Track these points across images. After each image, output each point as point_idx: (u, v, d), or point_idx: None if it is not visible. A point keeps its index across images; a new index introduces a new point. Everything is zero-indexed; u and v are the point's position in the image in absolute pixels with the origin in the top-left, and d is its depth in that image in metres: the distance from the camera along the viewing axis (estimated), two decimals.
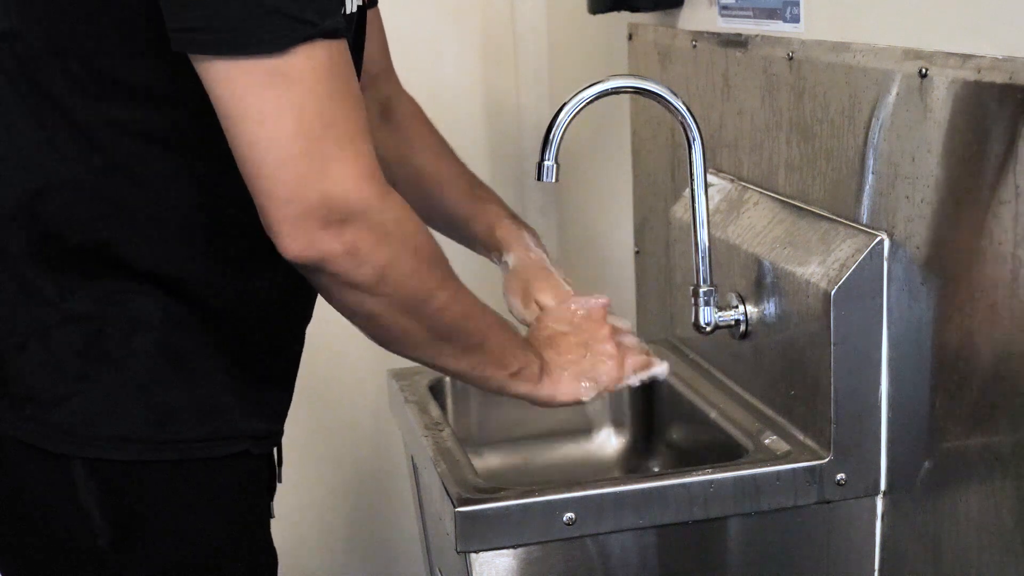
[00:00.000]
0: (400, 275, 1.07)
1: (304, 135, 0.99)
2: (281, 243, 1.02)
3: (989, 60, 1.08)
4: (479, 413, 1.67)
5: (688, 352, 1.64)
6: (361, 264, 1.04)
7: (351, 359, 2.32)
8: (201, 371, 1.14)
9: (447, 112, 2.29)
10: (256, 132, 0.99)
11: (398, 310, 1.10)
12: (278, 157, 0.99)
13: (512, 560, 1.26)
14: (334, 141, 1.00)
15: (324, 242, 1.01)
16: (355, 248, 1.03)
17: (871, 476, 1.30)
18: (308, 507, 2.37)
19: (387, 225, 1.04)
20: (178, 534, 1.14)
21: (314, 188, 1.00)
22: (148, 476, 1.12)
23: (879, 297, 1.25)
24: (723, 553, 1.33)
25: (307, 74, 0.99)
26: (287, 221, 1.01)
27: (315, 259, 1.02)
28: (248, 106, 0.99)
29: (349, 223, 1.02)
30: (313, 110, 0.99)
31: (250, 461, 1.18)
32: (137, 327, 1.11)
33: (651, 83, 1.34)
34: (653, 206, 1.81)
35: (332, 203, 1.00)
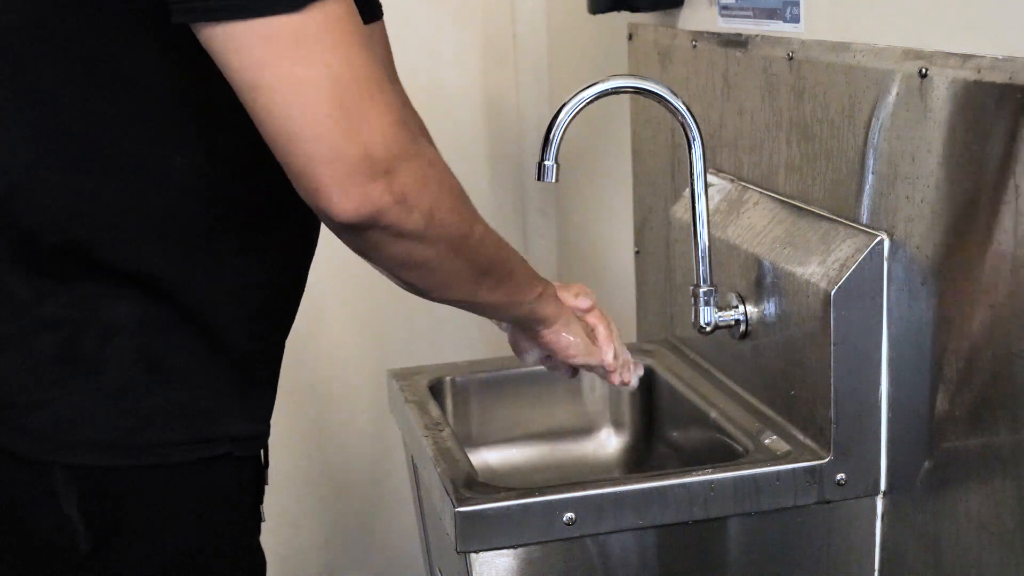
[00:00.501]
0: (444, 214, 1.06)
1: (338, 92, 0.97)
2: (333, 206, 1.00)
3: (989, 60, 1.08)
4: (479, 413, 1.67)
5: (688, 352, 1.64)
6: (411, 210, 1.03)
7: (351, 359, 2.32)
8: (179, 375, 1.12)
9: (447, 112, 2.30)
10: (288, 100, 0.97)
11: (445, 251, 1.09)
12: (315, 118, 0.97)
13: (512, 560, 1.26)
14: (366, 93, 0.99)
15: (376, 194, 1.00)
16: (403, 196, 1.01)
17: (871, 476, 1.30)
18: (308, 507, 2.37)
19: (426, 169, 1.03)
20: (159, 539, 1.13)
21: (356, 143, 0.98)
22: (127, 481, 1.11)
23: (879, 297, 1.25)
24: (723, 553, 1.33)
25: (328, 30, 0.97)
26: (336, 181, 0.99)
27: (370, 213, 1.01)
28: (274, 75, 0.96)
29: (394, 172, 1.00)
30: (342, 65, 0.97)
31: (233, 463, 1.17)
32: (113, 332, 1.10)
33: (651, 83, 1.34)
34: (653, 206, 1.81)
35: (375, 155, 0.99)
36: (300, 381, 2.33)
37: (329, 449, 2.37)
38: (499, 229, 2.37)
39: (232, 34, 0.96)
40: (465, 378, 1.66)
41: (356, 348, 2.31)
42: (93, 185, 1.08)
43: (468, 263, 1.13)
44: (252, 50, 0.96)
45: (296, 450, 2.35)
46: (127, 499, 1.12)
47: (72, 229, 1.09)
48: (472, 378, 1.66)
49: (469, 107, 2.30)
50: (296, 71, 0.96)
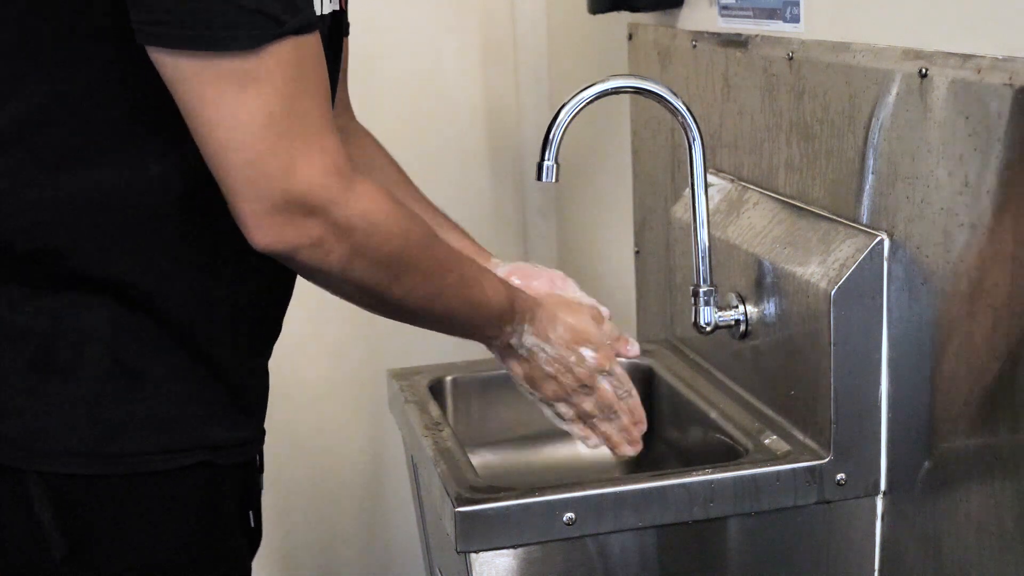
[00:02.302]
0: (365, 264, 1.10)
1: (271, 136, 1.01)
2: (250, 236, 1.05)
3: (989, 60, 1.08)
4: (479, 413, 1.67)
5: (688, 352, 1.64)
6: (328, 254, 1.07)
7: (351, 359, 2.32)
8: (153, 383, 1.12)
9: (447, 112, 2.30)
10: (223, 136, 1.01)
11: (365, 295, 1.14)
12: (245, 157, 1.01)
13: (512, 560, 1.26)
14: (300, 139, 1.02)
15: (290, 235, 1.04)
16: (320, 240, 1.05)
17: (871, 476, 1.30)
18: (308, 507, 2.37)
19: (352, 219, 1.06)
20: (133, 548, 1.13)
21: (280, 186, 1.02)
22: (101, 490, 1.11)
23: (879, 297, 1.25)
24: (723, 553, 1.33)
25: (276, 74, 1.00)
26: (255, 216, 1.03)
27: (283, 251, 1.05)
28: (216, 112, 1.00)
29: (314, 217, 1.04)
30: (280, 110, 1.01)
31: (213, 472, 1.16)
32: (87, 340, 1.10)
33: (651, 83, 1.34)
34: (653, 206, 1.81)
35: (297, 199, 1.03)
36: (300, 381, 2.33)
37: (329, 449, 2.37)
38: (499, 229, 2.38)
39: (186, 64, 1.00)
40: (465, 378, 1.66)
41: (356, 348, 2.31)
42: (67, 193, 1.09)
43: (388, 308, 1.18)
44: (199, 85, 1.00)
45: (296, 450, 2.35)
46: (101, 507, 1.11)
47: (46, 237, 1.09)
48: (472, 378, 1.66)
49: (469, 107, 2.30)
50: (235, 112, 1.00)
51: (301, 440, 2.35)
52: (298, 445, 2.35)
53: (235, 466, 1.20)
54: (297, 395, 2.34)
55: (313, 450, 2.36)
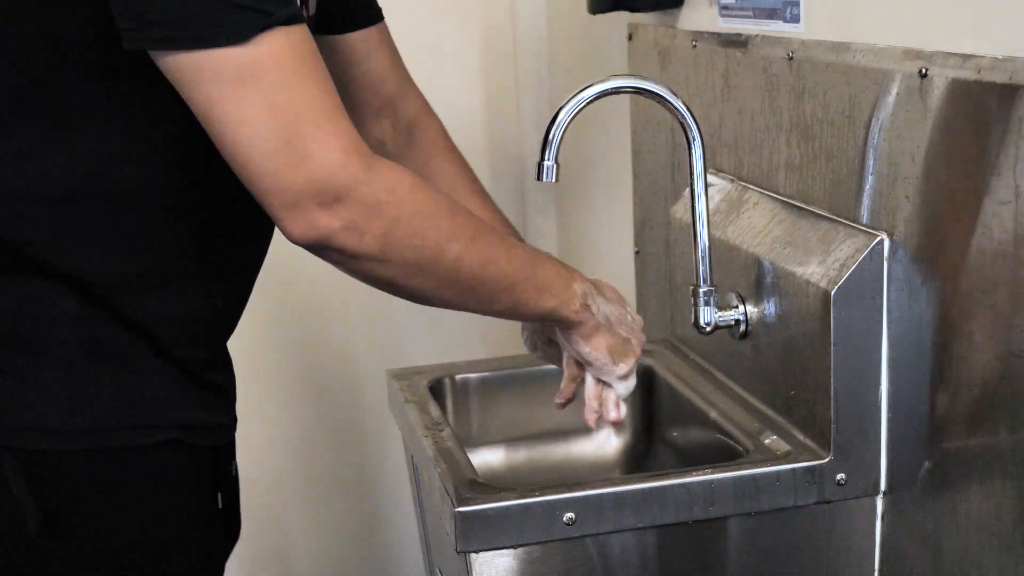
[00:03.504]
0: (402, 238, 1.09)
1: (280, 128, 1.02)
2: (284, 229, 1.06)
3: (989, 60, 1.08)
4: (479, 413, 1.67)
5: (688, 352, 1.64)
6: (362, 235, 1.07)
7: (351, 359, 2.32)
8: (122, 361, 1.15)
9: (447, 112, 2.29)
10: (236, 133, 1.02)
11: (410, 272, 1.12)
12: (261, 152, 1.02)
13: (512, 560, 1.26)
14: (310, 125, 1.03)
15: (322, 222, 1.05)
16: (352, 222, 1.06)
17: (871, 476, 1.30)
18: (308, 507, 2.37)
19: (378, 195, 1.06)
20: (108, 521, 1.15)
21: (300, 175, 1.03)
22: (74, 464, 1.13)
23: (879, 297, 1.25)
24: (723, 553, 1.33)
25: (272, 64, 1.02)
26: (284, 208, 1.04)
27: (318, 239, 1.06)
28: (223, 110, 1.02)
29: (342, 200, 1.05)
30: (285, 100, 1.02)
31: (184, 451, 1.18)
32: (54, 320, 1.12)
33: (651, 83, 1.34)
34: (653, 206, 1.81)
35: (321, 184, 1.03)
36: (300, 381, 2.33)
37: (329, 449, 2.37)
38: None
39: (181, 65, 1.02)
40: (465, 378, 1.66)
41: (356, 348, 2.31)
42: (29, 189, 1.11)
43: (441, 282, 1.14)
44: (201, 84, 1.02)
45: (296, 450, 2.35)
46: (75, 481, 1.14)
47: (8, 229, 1.11)
48: (472, 378, 1.66)
49: (469, 107, 2.30)
50: (241, 108, 1.02)
51: (301, 440, 2.35)
52: (298, 445, 2.35)
53: (205, 448, 1.22)
54: (298, 395, 2.34)
55: (313, 449, 2.36)
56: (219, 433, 1.24)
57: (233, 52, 1.00)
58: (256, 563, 2.33)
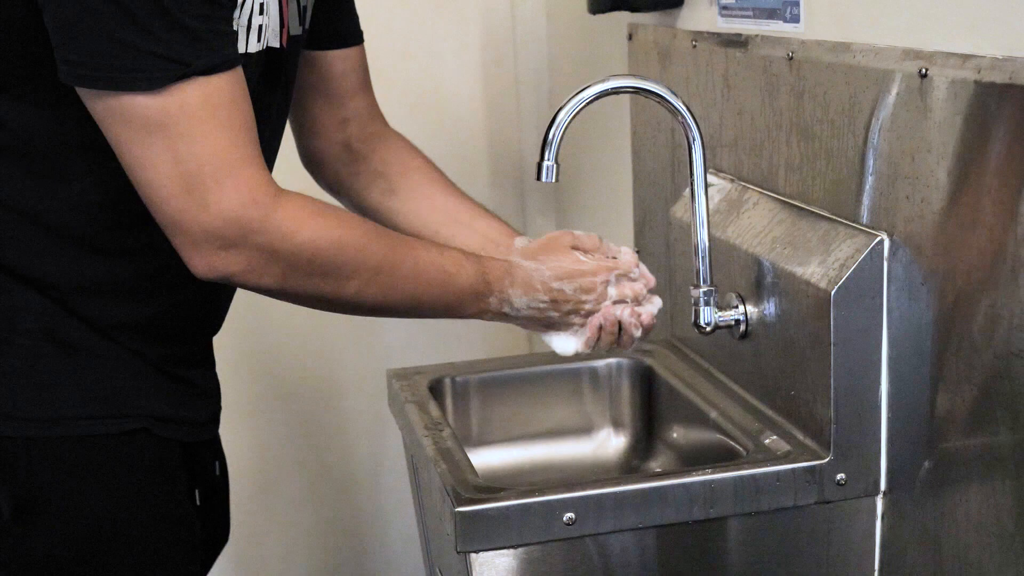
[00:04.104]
0: (301, 278, 1.14)
1: (180, 176, 1.06)
2: (187, 265, 1.10)
3: (989, 60, 1.08)
4: (479, 413, 1.67)
5: (688, 352, 1.64)
6: (262, 276, 1.12)
7: (351, 359, 2.32)
8: (86, 353, 1.17)
9: (447, 112, 2.30)
10: (139, 175, 1.07)
11: (313, 303, 1.18)
12: (160, 196, 1.07)
13: (512, 560, 1.26)
14: (211, 177, 1.07)
15: (220, 264, 1.10)
16: (250, 266, 1.10)
17: (871, 476, 1.30)
18: (308, 507, 2.37)
19: (274, 242, 1.10)
20: (75, 508, 1.17)
21: (196, 221, 1.07)
22: (44, 452, 1.15)
23: (879, 297, 1.25)
24: (723, 553, 1.33)
25: (179, 115, 1.05)
26: (184, 248, 1.09)
27: (218, 277, 1.11)
28: (130, 152, 1.07)
29: (238, 246, 1.09)
30: (187, 150, 1.06)
31: (155, 441, 1.20)
32: (18, 311, 1.15)
33: (651, 83, 1.34)
34: (653, 206, 1.81)
35: (217, 232, 1.08)
36: (300, 381, 2.33)
37: (329, 449, 2.37)
38: None
39: (95, 103, 1.06)
40: (465, 378, 1.66)
41: (356, 348, 2.31)
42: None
43: (346, 309, 1.20)
44: (112, 125, 1.06)
45: (296, 450, 2.35)
46: (44, 468, 1.15)
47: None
48: (472, 378, 1.66)
49: (469, 107, 2.30)
50: (145, 154, 1.06)
51: (301, 440, 2.35)
52: (298, 445, 2.35)
53: (175, 441, 1.23)
54: (297, 395, 2.34)
55: (313, 449, 2.36)
56: (191, 429, 1.24)
57: (142, 99, 1.04)
58: (255, 563, 2.33)
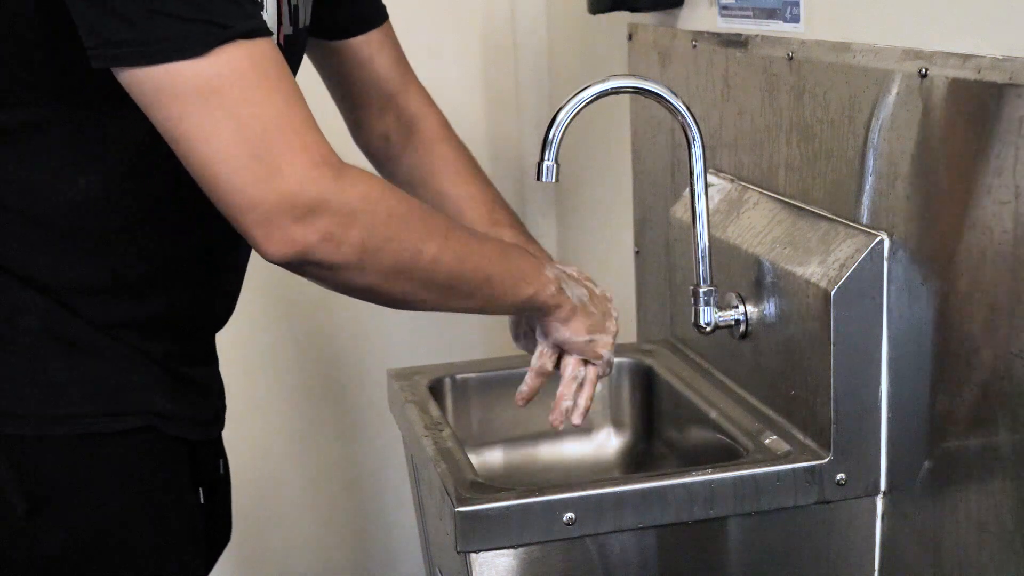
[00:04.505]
0: (379, 245, 1.09)
1: (247, 142, 1.01)
2: (259, 248, 1.05)
3: (989, 60, 1.08)
4: (479, 413, 1.67)
5: (688, 352, 1.64)
6: (340, 246, 1.06)
7: (351, 359, 2.32)
8: (89, 352, 1.15)
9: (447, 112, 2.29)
10: (198, 150, 1.01)
11: (390, 277, 1.12)
12: (229, 168, 1.01)
13: (512, 560, 1.26)
14: (278, 138, 1.02)
15: (298, 236, 1.04)
16: (328, 234, 1.05)
17: (871, 476, 1.30)
18: (308, 506, 2.37)
19: (352, 203, 1.06)
20: (87, 506, 1.16)
21: (271, 189, 1.02)
22: (53, 450, 1.14)
23: (879, 297, 1.25)
24: (723, 553, 1.33)
25: (234, 78, 1.01)
26: (258, 226, 1.03)
27: (296, 254, 1.05)
28: (186, 127, 1.01)
29: (315, 212, 1.04)
30: (248, 115, 1.01)
31: (159, 440, 1.19)
32: (19, 310, 1.13)
33: (651, 83, 1.34)
34: (653, 206, 1.81)
35: (293, 198, 1.02)
36: (300, 381, 2.33)
37: (329, 449, 2.37)
38: None
39: (141, 83, 1.01)
40: (465, 378, 1.66)
41: (356, 348, 2.31)
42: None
43: (421, 284, 1.15)
44: (162, 102, 1.01)
45: (296, 449, 2.35)
46: (55, 467, 1.14)
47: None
48: (472, 378, 1.66)
49: (469, 107, 2.30)
50: (205, 123, 1.00)
51: (301, 440, 2.35)
52: (298, 445, 2.35)
53: (184, 441, 1.23)
54: (298, 395, 2.34)
55: (313, 449, 2.36)
56: (194, 427, 1.24)
57: (192, 66, 1.00)
58: (256, 563, 2.33)
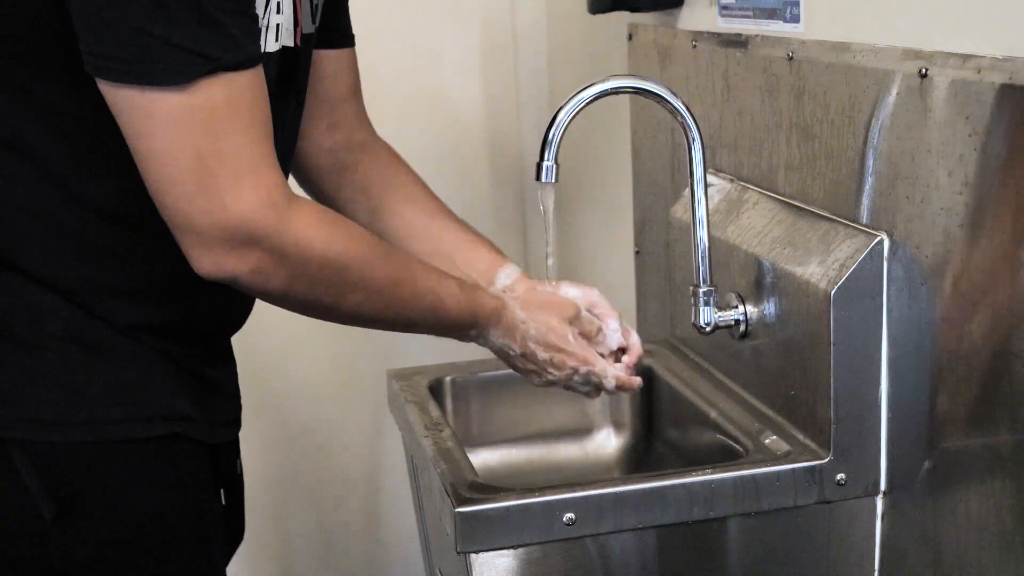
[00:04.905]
0: (305, 286, 1.13)
1: (199, 173, 1.05)
2: (192, 264, 1.09)
3: (989, 60, 1.08)
4: (479, 413, 1.67)
5: (688, 352, 1.64)
6: (268, 279, 1.10)
7: (351, 359, 2.32)
8: (112, 356, 1.16)
9: (447, 112, 2.30)
10: (156, 169, 1.05)
11: (312, 311, 1.17)
12: (178, 193, 1.05)
13: (512, 560, 1.26)
14: (231, 175, 1.06)
15: (228, 264, 1.08)
16: (258, 268, 1.09)
17: (871, 476, 1.30)
18: (308, 507, 2.37)
19: (286, 247, 1.09)
20: (115, 510, 1.16)
21: (212, 221, 1.06)
22: (77, 455, 1.15)
23: (879, 297, 1.25)
24: (723, 553, 1.33)
25: (205, 112, 1.04)
26: (193, 247, 1.08)
27: (224, 277, 1.09)
28: (149, 146, 1.05)
29: (249, 247, 1.08)
30: (208, 149, 1.05)
31: (185, 444, 1.20)
32: (44, 317, 1.14)
33: (651, 83, 1.34)
34: (653, 206, 1.81)
35: (231, 232, 1.07)
36: (300, 381, 2.33)
37: (329, 449, 2.37)
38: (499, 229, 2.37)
39: (117, 96, 1.04)
40: (465, 378, 1.66)
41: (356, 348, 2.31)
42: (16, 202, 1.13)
43: (345, 318, 1.20)
44: (132, 118, 1.04)
45: (296, 450, 2.35)
46: (84, 472, 1.15)
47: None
48: (472, 378, 1.66)
49: (469, 107, 2.30)
50: (166, 148, 1.04)
51: (301, 440, 2.35)
52: (298, 445, 2.35)
53: (207, 445, 1.23)
54: (297, 395, 2.34)
55: (313, 450, 2.36)
56: (217, 429, 1.24)
57: (169, 94, 1.03)
58: (256, 563, 2.33)
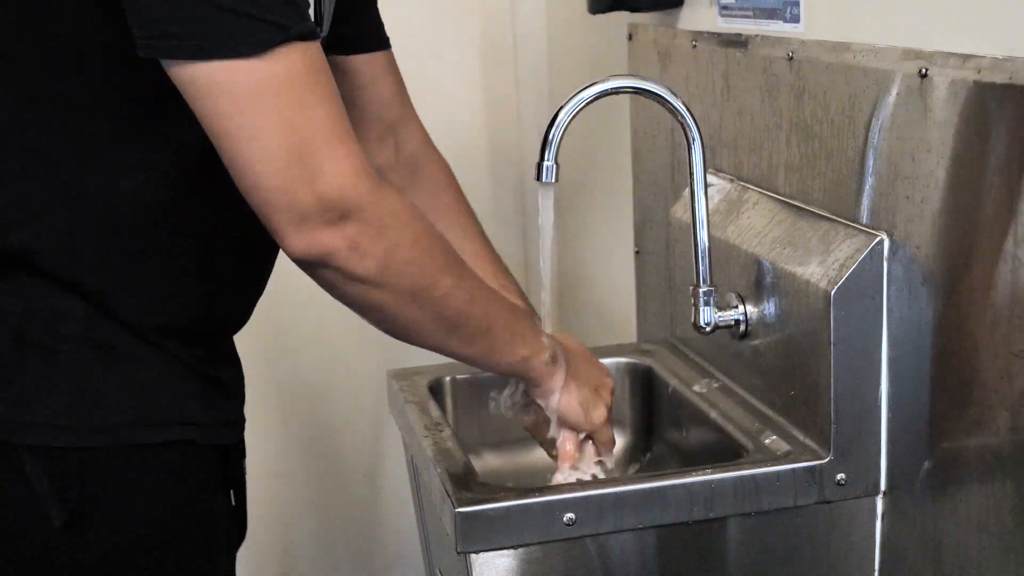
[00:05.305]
0: (400, 264, 1.09)
1: (294, 144, 1.01)
2: (286, 245, 1.05)
3: (989, 60, 1.08)
4: (479, 413, 1.67)
5: (688, 352, 1.64)
6: (363, 256, 1.06)
7: (351, 359, 2.32)
8: (128, 360, 1.15)
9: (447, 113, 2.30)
10: (246, 149, 1.01)
11: (402, 299, 1.12)
12: (272, 169, 1.02)
13: (512, 560, 1.26)
14: (323, 143, 1.02)
15: (326, 239, 1.04)
16: (355, 242, 1.05)
17: (871, 476, 1.30)
18: (308, 507, 2.37)
19: (384, 217, 1.07)
20: (128, 517, 1.16)
21: (310, 192, 1.02)
22: (92, 461, 1.14)
23: (879, 297, 1.25)
24: (723, 553, 1.33)
25: (289, 80, 1.01)
26: (290, 225, 1.04)
27: (319, 256, 1.05)
28: (235, 124, 1.01)
29: (348, 219, 1.04)
30: (299, 117, 1.01)
31: (198, 449, 1.19)
32: (60, 320, 1.13)
33: (651, 83, 1.34)
34: (653, 206, 1.81)
35: (329, 203, 1.03)
36: (300, 381, 2.33)
37: (329, 449, 2.37)
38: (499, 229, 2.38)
39: (195, 76, 1.00)
40: (465, 378, 1.66)
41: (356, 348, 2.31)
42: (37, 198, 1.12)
43: (430, 314, 1.15)
44: (213, 97, 1.00)
45: (296, 450, 2.35)
46: (94, 478, 1.14)
47: (13, 235, 1.12)
48: (472, 378, 1.66)
49: (469, 107, 2.30)
50: (254, 122, 1.01)
51: (301, 440, 2.35)
52: (298, 445, 2.35)
53: (217, 447, 1.23)
54: (297, 395, 2.34)
55: (313, 450, 2.36)
56: (228, 431, 1.24)
57: (250, 64, 0.99)
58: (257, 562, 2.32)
